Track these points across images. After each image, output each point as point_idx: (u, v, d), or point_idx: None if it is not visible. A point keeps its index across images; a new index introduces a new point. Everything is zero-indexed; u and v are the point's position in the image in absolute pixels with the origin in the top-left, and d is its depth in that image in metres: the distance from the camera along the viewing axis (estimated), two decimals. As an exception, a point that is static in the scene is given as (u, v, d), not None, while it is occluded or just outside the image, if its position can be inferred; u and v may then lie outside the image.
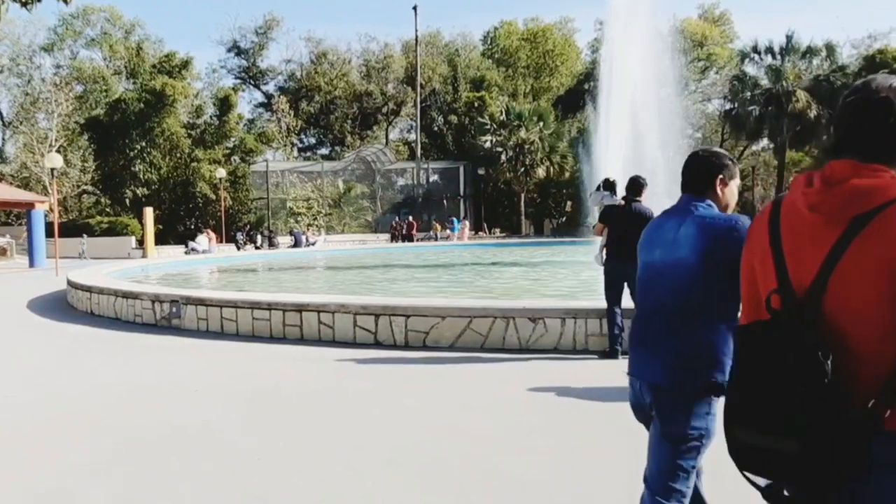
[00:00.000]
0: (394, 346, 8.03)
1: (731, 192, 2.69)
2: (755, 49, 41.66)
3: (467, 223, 40.48)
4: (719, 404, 2.23)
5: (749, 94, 40.39)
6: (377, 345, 8.11)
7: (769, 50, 40.96)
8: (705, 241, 2.48)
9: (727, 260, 2.34)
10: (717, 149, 2.83)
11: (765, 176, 51.21)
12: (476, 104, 46.90)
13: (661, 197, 21.19)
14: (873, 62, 39.65)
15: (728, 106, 43.58)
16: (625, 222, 7.18)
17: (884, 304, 1.47)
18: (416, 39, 47.92)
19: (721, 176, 2.66)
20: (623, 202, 7.50)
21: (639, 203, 7.27)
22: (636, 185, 7.32)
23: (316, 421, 5.29)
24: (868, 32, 60.53)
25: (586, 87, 43.71)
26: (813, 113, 37.99)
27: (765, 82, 40.67)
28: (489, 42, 57.20)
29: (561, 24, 56.92)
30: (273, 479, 4.05)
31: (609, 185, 9.01)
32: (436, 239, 37.68)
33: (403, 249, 30.16)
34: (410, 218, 39.67)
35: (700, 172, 2.68)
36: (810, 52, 40.58)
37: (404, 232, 37.37)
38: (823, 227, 1.56)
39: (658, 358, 2.52)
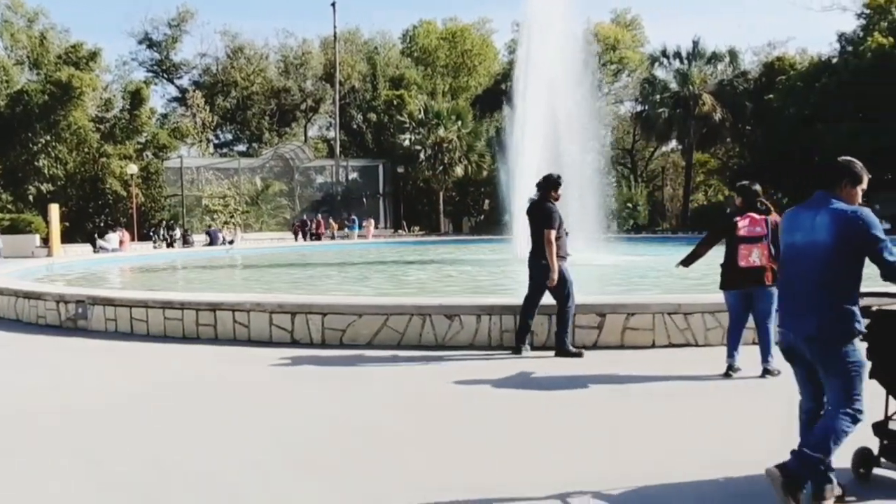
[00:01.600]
0: (311, 345, 8.02)
1: (854, 194, 3.55)
2: (664, 53, 43.30)
3: (373, 222, 40.28)
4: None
5: (658, 97, 41.94)
6: (294, 343, 8.10)
7: (677, 55, 42.65)
8: (837, 226, 3.41)
9: (853, 240, 3.39)
10: (850, 158, 3.68)
11: (674, 176, 53.18)
12: (395, 102, 46.96)
13: (574, 197, 21.74)
14: (772, 69, 41.82)
15: (639, 108, 45.15)
16: (532, 220, 7.52)
17: None
18: (335, 36, 47.59)
19: (845, 178, 3.56)
20: (534, 200, 7.67)
21: (548, 202, 7.46)
22: (548, 183, 7.56)
23: (224, 421, 5.26)
24: (767, 41, 63.58)
25: (504, 87, 44.32)
26: (718, 116, 39.75)
27: (673, 86, 42.29)
28: (408, 40, 57.32)
29: (479, 24, 57.55)
30: (172, 480, 4.05)
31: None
32: (332, 238, 37.10)
33: (324, 248, 29.96)
34: (319, 216, 39.25)
35: (830, 178, 3.59)
36: (715, 57, 42.45)
37: (313, 230, 36.79)
38: None
39: (810, 317, 3.45)
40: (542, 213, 7.39)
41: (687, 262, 6.89)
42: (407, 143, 43.01)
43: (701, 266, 7.14)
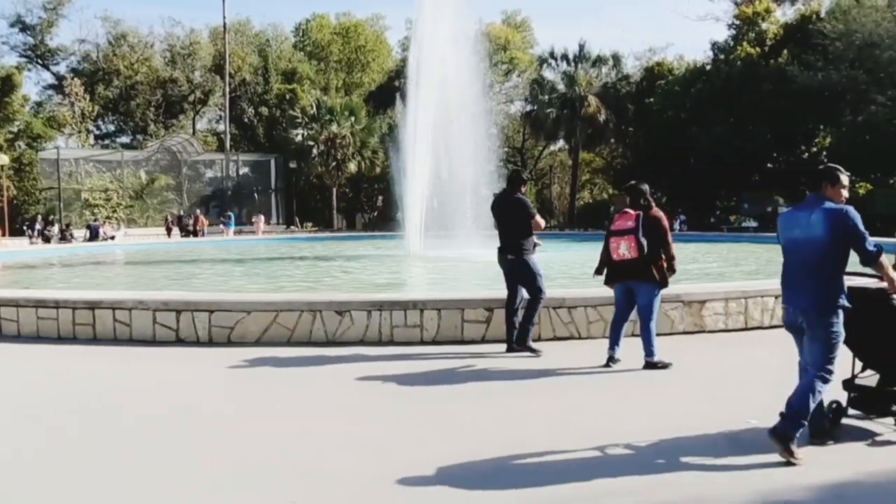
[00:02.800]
0: (197, 343, 7.87)
1: (836, 192, 4.41)
2: (552, 55, 44.62)
3: (262, 217, 39.44)
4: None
5: (547, 97, 43.16)
6: (179, 342, 7.92)
7: (564, 57, 44.03)
8: (828, 222, 4.26)
9: (842, 233, 4.23)
10: (832, 165, 4.57)
11: (561, 174, 54.82)
12: (288, 97, 46.16)
13: (468, 193, 22.00)
14: (652, 73, 43.86)
15: (528, 108, 46.29)
16: (504, 214, 7.59)
17: None
18: (224, 27, 46.21)
19: (835, 182, 4.43)
20: (501, 194, 7.90)
21: (518, 195, 7.58)
22: (516, 178, 7.78)
23: (94, 428, 5.10)
24: (648, 46, 66.54)
25: (397, 84, 44.42)
26: (602, 117, 41.31)
27: (561, 87, 43.63)
28: (301, 34, 56.37)
29: (373, 20, 57.29)
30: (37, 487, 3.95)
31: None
32: (202, 235, 35.49)
33: (212, 244, 29.13)
34: (198, 212, 38.07)
35: (821, 180, 4.46)
36: (600, 60, 44.08)
37: (191, 227, 35.45)
38: None
39: (805, 294, 4.33)
40: (520, 204, 7.46)
41: (599, 270, 7.06)
42: (300, 138, 42.40)
43: (584, 259, 7.52)
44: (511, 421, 5.10)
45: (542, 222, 7.49)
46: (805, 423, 4.19)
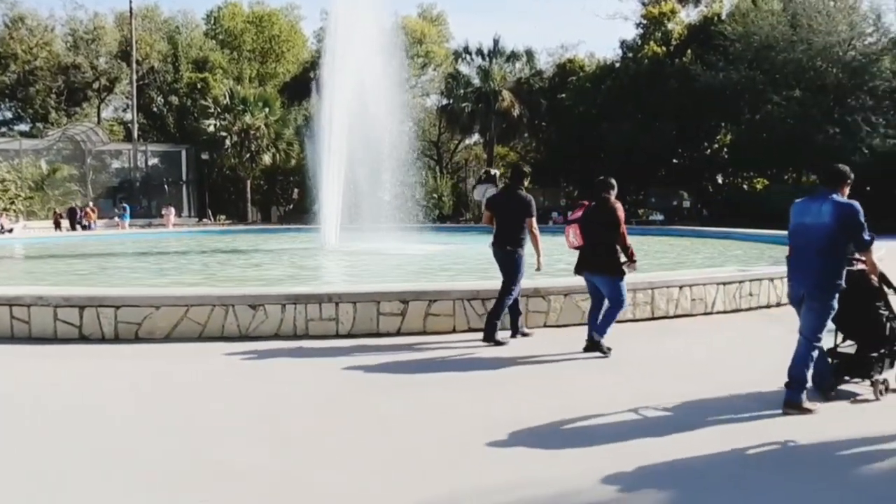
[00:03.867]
0: (102, 340, 7.65)
1: (844, 189, 5.17)
2: (467, 50, 45.00)
3: (173, 210, 38.30)
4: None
5: (462, 91, 43.54)
6: (83, 339, 7.67)
7: (479, 52, 44.49)
8: (836, 213, 4.98)
9: (846, 222, 4.96)
10: (844, 166, 5.28)
11: (476, 168, 55.39)
12: (199, 86, 44.95)
13: (385, 186, 21.97)
14: (564, 69, 44.87)
15: (444, 102, 46.55)
16: (505, 209, 7.69)
17: None
18: (131, 11, 44.55)
19: (846, 180, 5.18)
20: (504, 190, 8.05)
21: (521, 191, 7.77)
22: (519, 174, 8.04)
23: None
24: (561, 43, 67.93)
25: (312, 75, 43.88)
26: (516, 112, 41.98)
27: (476, 82, 44.08)
28: (212, 22, 54.83)
29: (287, 10, 56.28)
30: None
31: (490, 178, 9.36)
32: (87, 227, 34.15)
33: (120, 236, 28.12)
34: (91, 204, 36.54)
35: (833, 179, 5.18)
36: (514, 56, 44.74)
37: (79, 220, 33.98)
38: None
39: (811, 272, 5.06)
40: (522, 202, 7.57)
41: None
42: (212, 128, 41.32)
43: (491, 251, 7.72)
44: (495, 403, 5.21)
45: (535, 226, 7.56)
46: (807, 385, 5.06)
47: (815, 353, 5.09)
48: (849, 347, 5.63)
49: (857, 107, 31.61)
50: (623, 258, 6.89)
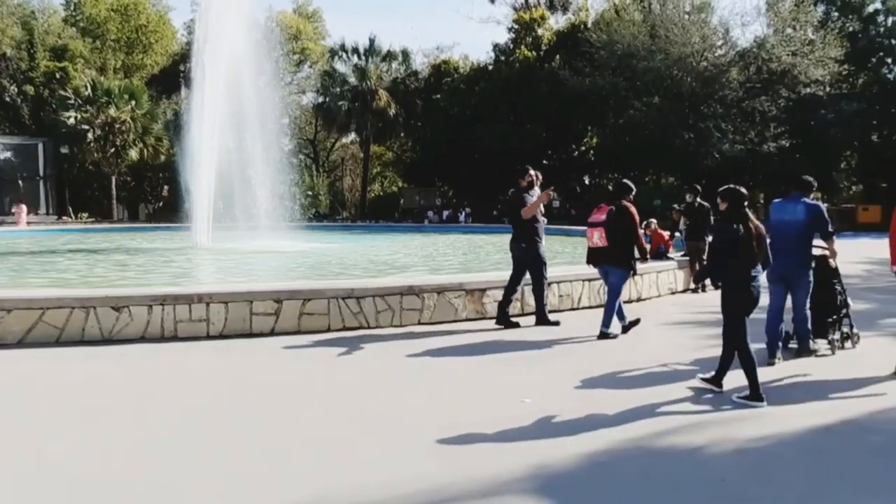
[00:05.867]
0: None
1: (810, 193, 6.87)
2: (343, 48, 44.77)
3: (24, 207, 35.86)
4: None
5: (339, 89, 43.31)
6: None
7: (355, 50, 44.37)
8: (808, 211, 6.61)
9: (815, 219, 6.60)
10: (810, 178, 6.94)
11: (353, 167, 55.27)
12: (58, 76, 42.29)
13: (259, 184, 21.56)
14: (439, 71, 45.54)
15: (320, 100, 46.10)
16: (509, 209, 8.94)
17: None
18: (-23, -6, 41.34)
19: (812, 188, 6.89)
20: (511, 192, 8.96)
21: (517, 190, 8.72)
22: (517, 175, 8.89)
23: None
24: (436, 44, 68.88)
25: (182, 68, 42.36)
26: (392, 111, 42.19)
27: (352, 80, 43.93)
28: (72, 8, 51.59)
29: (155, -1, 53.88)
30: None
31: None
32: None
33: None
34: None
35: (803, 186, 6.80)
36: (390, 56, 44.94)
37: None
38: None
39: (794, 258, 6.59)
40: (517, 200, 8.61)
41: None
42: (72, 121, 38.99)
43: (375, 251, 7.87)
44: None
45: (528, 212, 8.41)
46: (812, 337, 6.94)
47: (809, 315, 6.82)
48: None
49: (709, 114, 33.94)
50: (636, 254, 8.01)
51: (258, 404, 5.33)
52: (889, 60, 41.21)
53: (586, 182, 43.72)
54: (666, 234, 13.06)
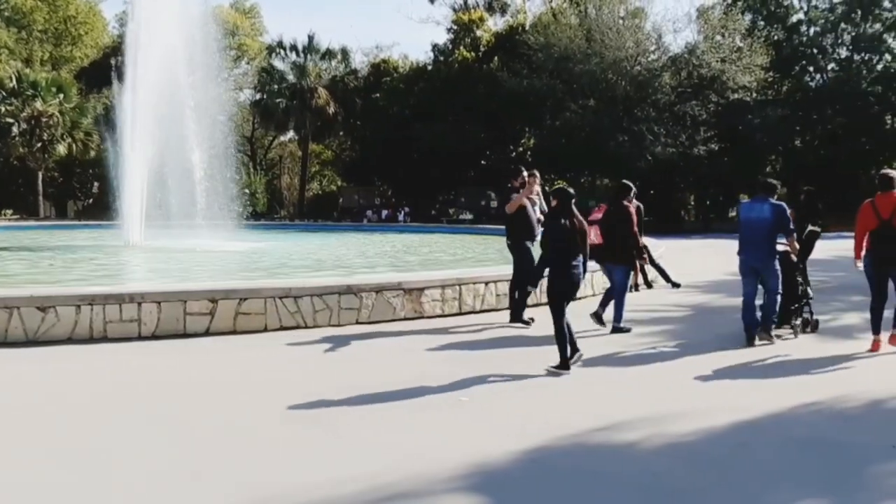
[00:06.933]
0: None
1: (774, 197, 7.70)
2: (281, 45, 44.27)
3: None
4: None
5: (277, 87, 42.82)
6: None
7: (294, 48, 43.92)
8: (773, 211, 7.43)
9: (779, 217, 7.42)
10: (775, 181, 7.98)
11: (291, 165, 54.67)
12: (-21, 67, 40.60)
13: (195, 181, 21.20)
14: (379, 70, 45.42)
15: (258, 97, 45.47)
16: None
17: None
18: None
19: (776, 191, 7.81)
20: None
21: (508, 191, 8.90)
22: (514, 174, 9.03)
23: None
24: (376, 43, 68.75)
25: (114, 61, 41.08)
26: (331, 110, 41.91)
27: (291, 77, 43.49)
28: (-4, -3, 49.67)
29: (85, -11, 52.24)
30: None
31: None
32: None
33: None
34: None
35: (768, 189, 7.70)
36: (329, 54, 44.63)
37: None
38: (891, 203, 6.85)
39: (761, 252, 7.52)
40: (506, 200, 8.79)
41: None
42: (-4, 114, 37.53)
43: (309, 250, 7.84)
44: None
45: (511, 207, 8.58)
46: (776, 321, 7.70)
47: (779, 301, 7.59)
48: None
49: (643, 117, 34.76)
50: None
51: (174, 406, 5.28)
52: (811, 69, 43.09)
53: (524, 183, 44.12)
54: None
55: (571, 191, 6.54)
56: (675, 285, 12.28)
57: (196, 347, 7.27)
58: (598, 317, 8.37)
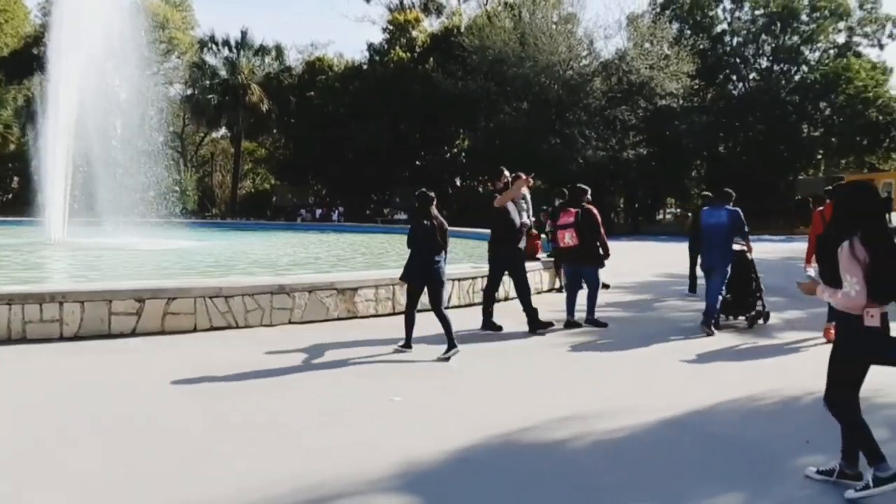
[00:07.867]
0: None
1: (731, 203, 8.67)
2: (213, 40, 43.46)
3: None
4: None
5: (208, 82, 41.99)
6: None
7: (226, 43, 43.18)
8: (729, 217, 8.43)
9: (735, 223, 8.45)
10: (730, 189, 8.85)
11: (223, 163, 53.65)
12: None
13: (122, 178, 20.63)
14: (314, 68, 45.03)
15: (189, 92, 44.50)
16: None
17: None
18: None
19: (732, 198, 8.71)
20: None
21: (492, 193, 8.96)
22: (493, 175, 9.14)
23: None
24: (311, 41, 68.07)
25: (36, 51, 39.62)
26: (265, 107, 41.34)
27: (223, 73, 42.74)
28: None
29: (5, -24, 50.01)
30: None
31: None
32: None
33: None
34: None
35: (725, 196, 8.68)
36: (263, 50, 44.06)
37: None
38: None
39: (717, 253, 8.45)
40: (491, 200, 8.69)
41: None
42: None
43: (237, 248, 7.74)
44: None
45: (500, 202, 8.49)
46: (715, 316, 8.44)
47: (720, 297, 8.38)
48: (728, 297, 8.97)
49: (574, 121, 35.46)
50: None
51: (93, 409, 5.18)
52: (734, 77, 44.74)
53: (458, 184, 44.49)
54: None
55: (432, 194, 7.33)
56: (605, 286, 12.59)
57: (122, 348, 7.10)
58: (570, 324, 8.68)
